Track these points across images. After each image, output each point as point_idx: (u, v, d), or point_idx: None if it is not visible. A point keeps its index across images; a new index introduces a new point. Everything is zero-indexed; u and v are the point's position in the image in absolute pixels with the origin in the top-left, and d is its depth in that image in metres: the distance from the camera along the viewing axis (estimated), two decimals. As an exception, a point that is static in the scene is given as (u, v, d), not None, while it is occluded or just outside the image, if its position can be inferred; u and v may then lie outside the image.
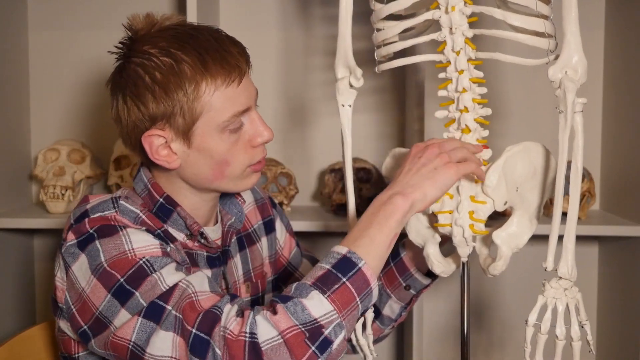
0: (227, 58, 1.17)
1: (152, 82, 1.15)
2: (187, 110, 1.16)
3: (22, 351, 1.42)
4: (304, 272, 1.51)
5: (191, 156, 1.20)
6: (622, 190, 1.88)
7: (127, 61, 1.19)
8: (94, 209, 1.17)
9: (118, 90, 1.20)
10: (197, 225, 1.25)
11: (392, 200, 1.11)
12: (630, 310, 1.83)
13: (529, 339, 1.22)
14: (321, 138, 2.02)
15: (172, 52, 1.16)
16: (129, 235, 1.13)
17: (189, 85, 1.15)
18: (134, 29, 1.21)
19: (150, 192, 1.25)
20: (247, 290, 1.37)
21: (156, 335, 1.06)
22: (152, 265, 1.10)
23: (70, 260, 1.14)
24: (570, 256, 1.19)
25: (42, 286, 2.09)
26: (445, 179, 1.14)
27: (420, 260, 1.39)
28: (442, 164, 1.14)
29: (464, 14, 1.20)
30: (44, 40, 2.04)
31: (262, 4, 2.00)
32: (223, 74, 1.16)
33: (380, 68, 1.31)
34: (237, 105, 1.18)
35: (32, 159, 2.05)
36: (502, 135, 1.91)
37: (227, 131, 1.18)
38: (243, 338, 1.02)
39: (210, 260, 1.28)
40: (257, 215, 1.45)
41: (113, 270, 1.10)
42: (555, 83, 1.17)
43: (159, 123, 1.17)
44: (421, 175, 1.14)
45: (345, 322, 1.04)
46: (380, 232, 1.10)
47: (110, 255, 1.11)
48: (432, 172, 1.14)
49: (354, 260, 1.06)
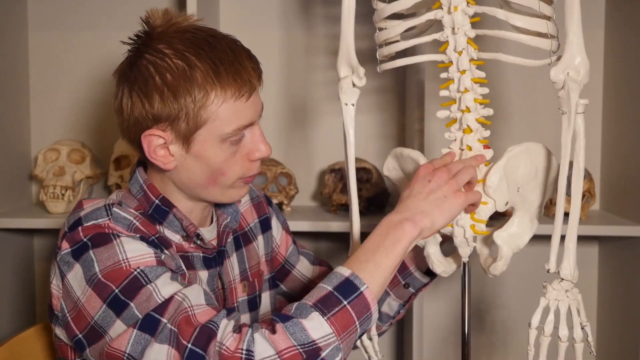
0: (241, 72, 1.16)
1: (162, 83, 1.14)
2: (192, 116, 1.15)
3: (22, 351, 1.42)
4: (301, 269, 1.51)
5: (188, 160, 1.19)
6: (622, 190, 1.88)
7: (139, 55, 1.18)
8: (87, 216, 1.16)
9: (125, 83, 1.19)
10: (194, 227, 1.25)
11: (402, 226, 1.11)
12: (630, 310, 1.83)
13: (532, 341, 1.22)
14: (321, 138, 2.02)
15: (186, 56, 1.15)
16: (122, 244, 1.13)
17: (198, 93, 1.14)
18: (151, 24, 1.19)
19: (145, 194, 1.24)
20: (243, 289, 1.37)
21: (151, 347, 1.06)
22: (147, 276, 1.10)
23: (65, 269, 1.14)
24: (572, 257, 1.19)
25: (42, 286, 2.08)
26: (453, 209, 1.14)
27: (420, 259, 1.40)
28: (452, 193, 1.15)
29: (466, 14, 1.20)
30: (44, 40, 2.03)
31: (263, 4, 1.99)
32: (234, 87, 1.16)
33: (382, 67, 1.31)
34: (242, 119, 1.18)
35: (32, 159, 2.05)
36: (504, 135, 1.91)
37: (228, 142, 1.18)
38: (239, 355, 1.02)
39: (206, 261, 1.28)
40: (253, 213, 1.45)
41: (107, 280, 1.10)
42: (558, 84, 1.17)
43: (162, 124, 1.17)
44: (431, 203, 1.14)
45: (343, 346, 1.04)
46: (387, 258, 1.10)
47: (105, 265, 1.11)
48: (442, 200, 1.14)
49: (356, 284, 1.07)
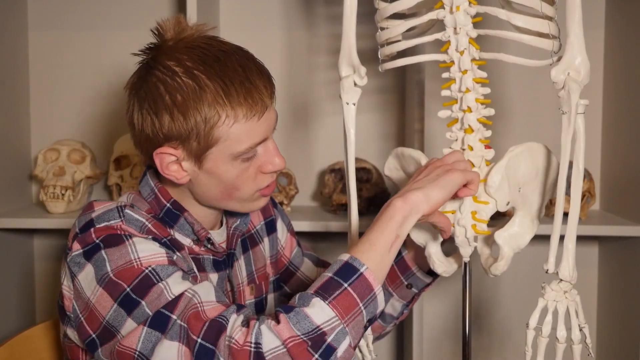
0: (252, 92, 1.14)
1: (171, 103, 1.13)
2: (202, 136, 1.14)
3: (22, 351, 1.42)
4: (305, 271, 1.51)
5: (200, 176, 1.19)
6: (622, 190, 1.88)
7: (149, 71, 1.16)
8: (100, 218, 1.16)
9: (136, 98, 1.18)
10: (205, 232, 1.25)
11: (392, 203, 1.12)
12: (630, 310, 1.83)
13: (530, 342, 1.22)
14: (322, 138, 2.02)
15: (196, 74, 1.13)
16: (135, 244, 1.12)
17: (209, 113, 1.13)
18: (162, 36, 1.18)
19: (157, 197, 1.24)
20: (251, 292, 1.37)
21: (161, 344, 1.06)
22: (158, 274, 1.10)
23: (76, 270, 1.14)
24: (571, 258, 1.19)
25: (42, 286, 2.08)
26: (450, 180, 1.14)
27: (422, 259, 1.40)
28: (445, 171, 1.16)
29: (468, 14, 1.20)
30: (44, 40, 2.03)
31: (264, 3, 1.99)
32: (245, 108, 1.14)
33: (384, 67, 1.31)
34: (254, 137, 1.16)
35: (32, 159, 2.05)
36: (505, 135, 1.91)
37: (240, 159, 1.17)
38: (248, 348, 1.02)
39: (216, 264, 1.28)
40: (259, 215, 1.45)
41: (119, 279, 1.10)
42: (558, 84, 1.17)
43: (173, 142, 1.16)
44: (424, 181, 1.15)
45: (349, 329, 1.03)
46: (381, 236, 1.10)
47: (117, 265, 1.11)
48: (436, 177, 1.15)
49: (355, 266, 1.06)
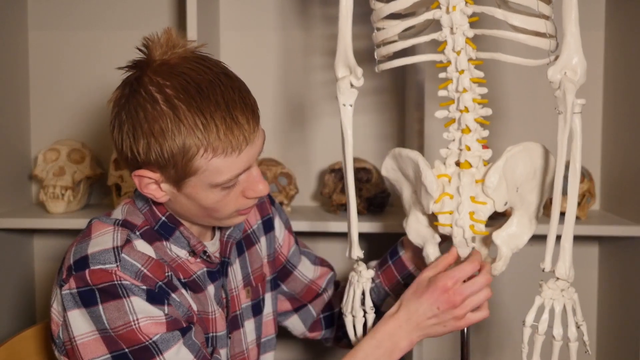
0: (233, 128, 1.10)
1: (149, 132, 1.10)
2: (180, 167, 1.11)
3: (22, 351, 1.42)
4: (303, 269, 1.51)
5: (179, 198, 1.18)
6: (622, 190, 1.87)
7: (131, 93, 1.12)
8: (95, 258, 1.14)
9: (117, 119, 1.14)
10: (201, 246, 1.25)
11: (399, 346, 1.23)
12: (630, 310, 1.82)
13: (527, 339, 1.22)
14: (321, 138, 2.01)
15: (176, 105, 1.09)
16: (132, 304, 1.12)
17: (186, 146, 1.10)
18: (149, 52, 1.14)
19: (151, 208, 1.24)
20: (247, 295, 1.36)
21: None
22: (159, 347, 1.13)
23: (68, 306, 1.14)
24: (568, 257, 1.19)
25: (42, 286, 2.08)
26: (452, 330, 1.24)
27: (420, 259, 1.39)
28: (455, 321, 1.22)
29: (464, 13, 1.20)
30: (44, 40, 2.03)
31: (261, 4, 1.99)
32: (224, 145, 1.10)
33: (380, 67, 1.31)
34: (235, 170, 1.14)
35: (32, 159, 2.05)
36: (502, 135, 1.91)
37: (220, 187, 1.15)
38: None
39: (210, 275, 1.28)
40: (256, 214, 1.44)
41: (120, 340, 1.12)
42: (555, 84, 1.17)
43: (152, 167, 1.14)
44: (435, 325, 1.23)
45: None
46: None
47: (115, 325, 1.12)
48: (445, 323, 1.22)
49: None
